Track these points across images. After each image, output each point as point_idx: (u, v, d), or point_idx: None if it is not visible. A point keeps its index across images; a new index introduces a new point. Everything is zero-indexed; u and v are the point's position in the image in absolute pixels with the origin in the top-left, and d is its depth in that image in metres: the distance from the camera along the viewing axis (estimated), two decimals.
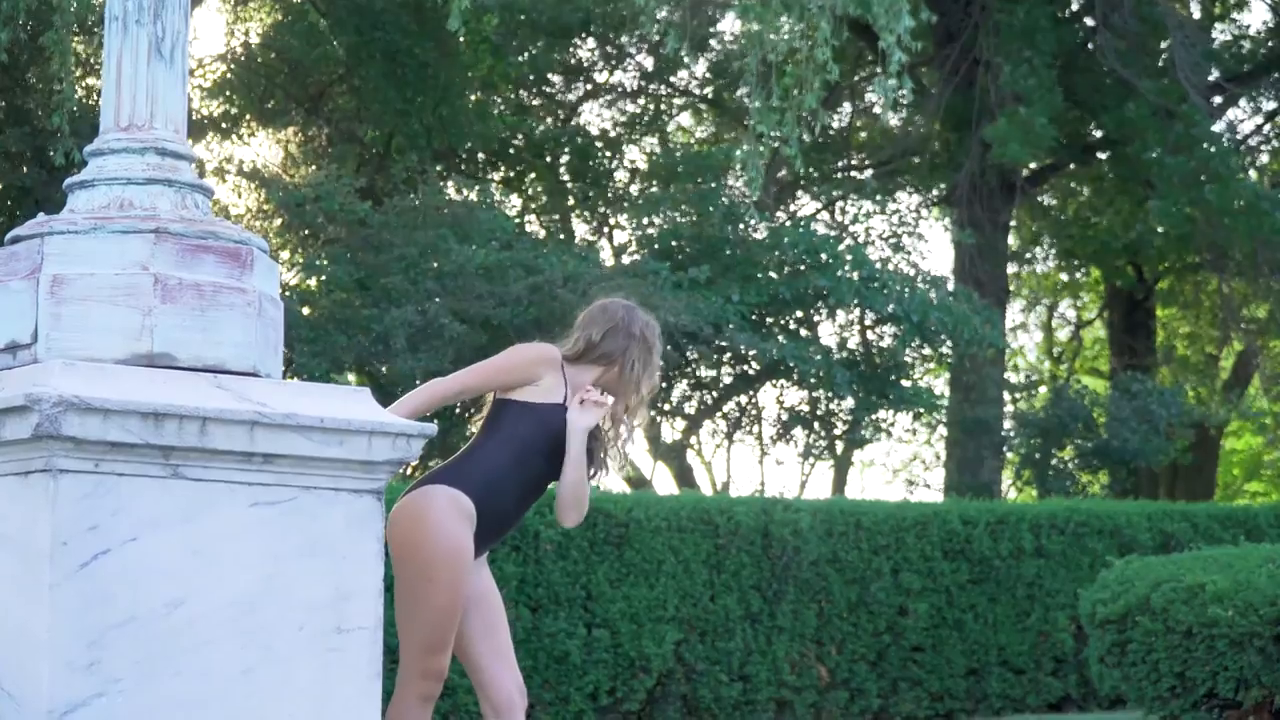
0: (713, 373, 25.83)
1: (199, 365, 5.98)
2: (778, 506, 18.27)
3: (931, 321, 24.59)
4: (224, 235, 6.18)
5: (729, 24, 30.07)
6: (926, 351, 26.39)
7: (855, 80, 31.75)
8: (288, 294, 22.28)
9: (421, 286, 21.96)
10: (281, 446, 5.84)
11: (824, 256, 24.60)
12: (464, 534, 7.14)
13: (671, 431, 28.27)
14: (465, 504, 7.17)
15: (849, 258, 25.03)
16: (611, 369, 7.55)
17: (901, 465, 37.69)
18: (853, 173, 34.61)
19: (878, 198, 29.46)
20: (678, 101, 34.98)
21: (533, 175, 32.00)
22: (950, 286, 26.21)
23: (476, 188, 27.77)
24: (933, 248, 67.34)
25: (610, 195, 31.63)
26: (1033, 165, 31.75)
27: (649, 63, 33.09)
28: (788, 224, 26.65)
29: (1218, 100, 31.56)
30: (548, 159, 31.57)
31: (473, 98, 29.92)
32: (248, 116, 29.74)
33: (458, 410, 23.63)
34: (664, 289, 22.64)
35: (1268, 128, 35.80)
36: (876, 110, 33.55)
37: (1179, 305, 38.14)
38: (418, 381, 20.99)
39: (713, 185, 25.99)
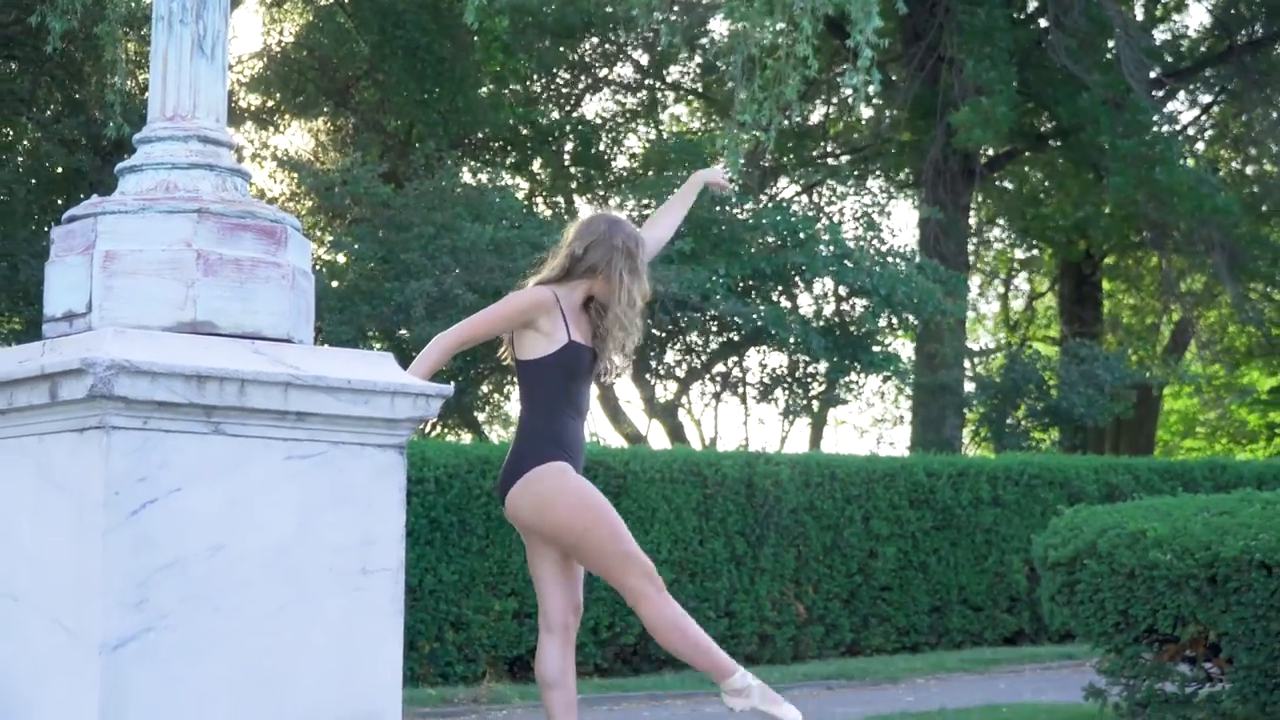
0: (701, 339, 25.86)
1: (238, 332, 5.98)
2: (760, 460, 18.30)
3: (898, 295, 24.64)
4: (261, 215, 6.17)
5: (718, 25, 30.05)
6: (895, 321, 26.39)
7: (832, 75, 31.68)
8: (318, 268, 22.29)
9: (438, 261, 21.99)
10: (313, 405, 5.85)
11: (801, 235, 24.63)
12: (573, 477, 7.23)
13: (664, 392, 28.29)
14: (562, 466, 7.24)
15: (825, 236, 25.07)
16: (598, 279, 7.44)
17: (872, 423, 37.71)
18: (829, 159, 34.59)
19: (850, 181, 29.49)
20: (671, 95, 34.95)
21: (539, 160, 31.98)
22: (917, 260, 26.21)
23: (489, 172, 27.78)
24: (901, 227, 67.14)
25: (609, 178, 31.62)
26: (991, 152, 31.77)
27: (645, 59, 33.07)
28: (769, 206, 26.62)
29: (1159, 94, 31.58)
30: (553, 146, 31.57)
31: (486, 91, 29.92)
32: (282, 108, 29.74)
33: (471, 374, 23.69)
34: (654, 261, 22.67)
35: (1204, 119, 35.85)
36: (849, 102, 33.55)
37: (1123, 279, 38.21)
38: None
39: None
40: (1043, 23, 30.23)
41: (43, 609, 5.76)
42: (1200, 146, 35.18)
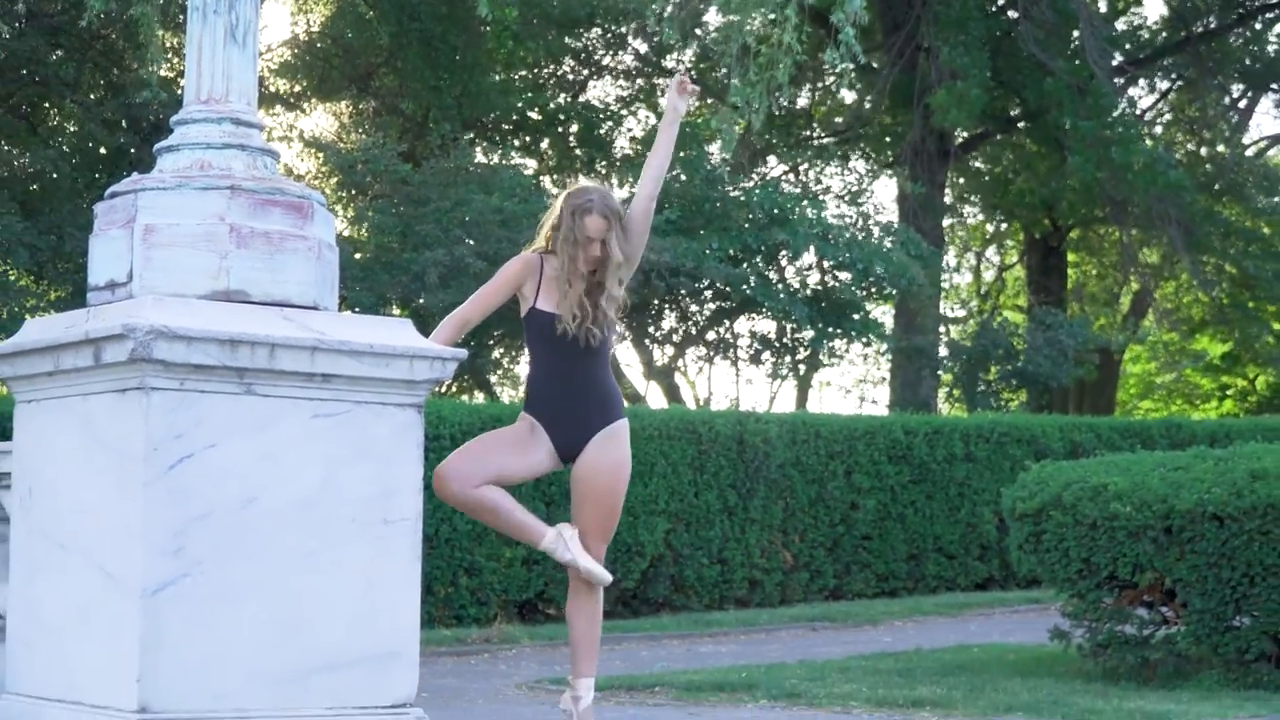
0: (696, 307, 25.88)
1: (268, 300, 5.98)
2: (750, 418, 18.33)
3: (876, 269, 24.72)
4: (289, 191, 6.17)
5: (712, 16, 30.01)
6: (874, 290, 26.40)
7: (818, 62, 31.63)
8: (342, 241, 22.28)
9: (451, 233, 22.00)
10: (338, 368, 5.84)
11: (789, 214, 24.67)
12: (517, 426, 7.24)
13: (661, 356, 28.30)
14: (527, 419, 7.22)
15: (810, 213, 25.08)
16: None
17: (853, 384, 37.72)
18: (814, 141, 34.54)
19: (835, 161, 29.49)
20: (669, 81, 34.88)
21: (546, 142, 31.94)
22: (895, 230, 26.22)
23: (499, 152, 27.76)
24: (883, 204, 67.01)
25: (611, 159, 31.59)
26: (964, 134, 31.73)
27: (644, 48, 33.02)
28: (758, 184, 26.59)
29: (1120, 80, 31.56)
30: (559, 128, 31.52)
31: (496, 77, 29.87)
32: (308, 92, 29.72)
33: (484, 339, 23.70)
34: (652, 235, 22.82)
35: (1161, 103, 35.85)
36: (833, 87, 33.53)
37: (1087, 251, 38.20)
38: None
39: (695, 153, 26.04)
40: (1012, 14, 30.19)
41: (88, 556, 5.77)
42: (1158, 129, 35.16)
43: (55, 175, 22.81)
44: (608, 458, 7.26)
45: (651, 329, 26.43)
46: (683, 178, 25.27)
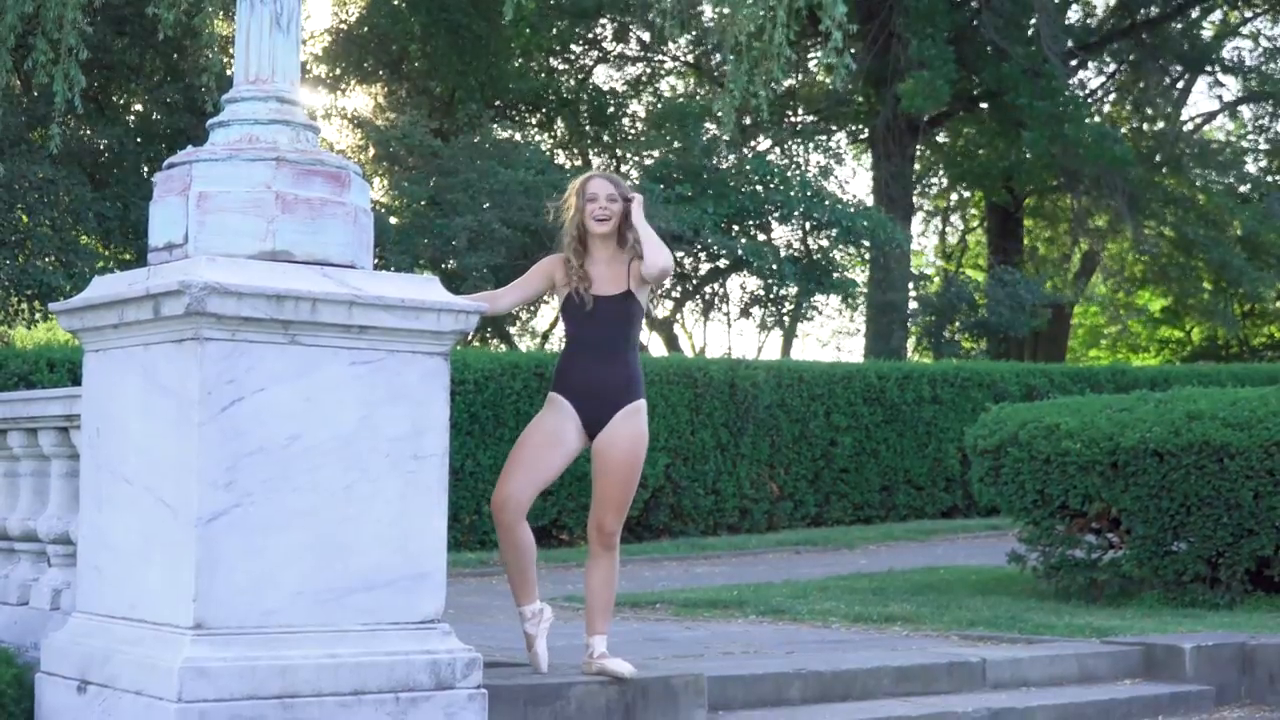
0: (693, 267, 25.87)
1: (310, 260, 5.96)
2: (741, 365, 18.30)
3: (858, 226, 24.71)
4: (329, 162, 6.14)
5: (708, 9, 29.89)
6: (852, 250, 26.37)
7: (802, 49, 31.49)
8: (377, 209, 22.24)
9: (478, 202, 21.97)
10: (373, 320, 5.83)
11: (786, 181, 24.69)
12: (544, 416, 6.91)
13: (662, 310, 28.26)
14: (551, 397, 6.90)
15: (795, 181, 25.08)
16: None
17: (832, 335, 37.66)
18: (798, 121, 34.41)
19: (815, 138, 29.43)
20: (668, 66, 34.76)
21: (560, 120, 31.85)
22: (871, 215, 26.19)
23: (518, 129, 27.67)
24: (856, 175, 66.73)
25: (618, 135, 31.52)
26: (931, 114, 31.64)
27: (646, 37, 32.92)
28: (750, 157, 26.53)
29: (1072, 64, 31.46)
30: (571, 109, 31.44)
31: (516, 62, 29.78)
32: (347, 75, 29.61)
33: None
34: (656, 203, 22.84)
35: (1108, 84, 35.75)
36: (815, 71, 33.35)
37: (1041, 217, 38.09)
38: (476, 274, 21.04)
39: (693, 128, 25.99)
40: (975, 4, 30.07)
41: (149, 489, 5.76)
42: (1105, 108, 35.04)
43: (120, 151, 22.77)
44: (628, 432, 6.90)
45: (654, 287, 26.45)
46: (678, 148, 25.29)
